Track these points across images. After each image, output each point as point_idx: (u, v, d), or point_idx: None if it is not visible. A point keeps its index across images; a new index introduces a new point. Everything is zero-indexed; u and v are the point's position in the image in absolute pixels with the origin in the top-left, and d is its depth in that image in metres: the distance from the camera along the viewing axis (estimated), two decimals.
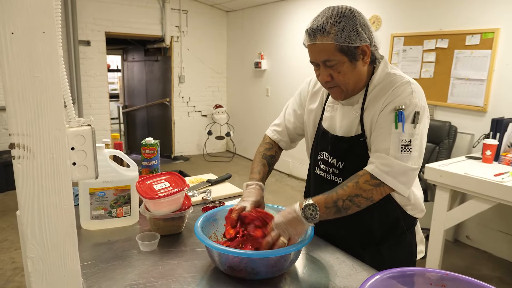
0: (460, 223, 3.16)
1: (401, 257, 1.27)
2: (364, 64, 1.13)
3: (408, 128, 1.07)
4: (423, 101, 1.11)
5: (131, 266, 1.10)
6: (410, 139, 1.07)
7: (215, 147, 6.53)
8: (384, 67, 1.18)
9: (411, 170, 1.08)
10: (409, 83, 1.11)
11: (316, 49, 1.10)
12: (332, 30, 1.06)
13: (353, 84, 1.15)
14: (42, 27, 0.62)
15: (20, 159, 0.63)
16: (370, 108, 1.16)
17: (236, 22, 6.05)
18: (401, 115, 1.07)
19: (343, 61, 1.09)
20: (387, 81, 1.15)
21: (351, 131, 1.20)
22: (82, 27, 4.99)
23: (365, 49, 1.10)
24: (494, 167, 2.53)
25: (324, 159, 1.28)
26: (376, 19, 3.85)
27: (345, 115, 1.22)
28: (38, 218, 0.66)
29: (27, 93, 0.62)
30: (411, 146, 1.07)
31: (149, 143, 1.61)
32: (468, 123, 3.21)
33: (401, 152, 1.06)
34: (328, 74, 1.12)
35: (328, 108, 1.28)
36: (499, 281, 2.77)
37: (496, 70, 3.00)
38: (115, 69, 9.11)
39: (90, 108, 5.24)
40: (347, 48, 1.07)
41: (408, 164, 1.07)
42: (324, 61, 1.10)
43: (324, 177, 1.28)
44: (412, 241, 1.32)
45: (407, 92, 1.09)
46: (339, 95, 1.18)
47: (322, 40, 1.07)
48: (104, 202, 1.31)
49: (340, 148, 1.22)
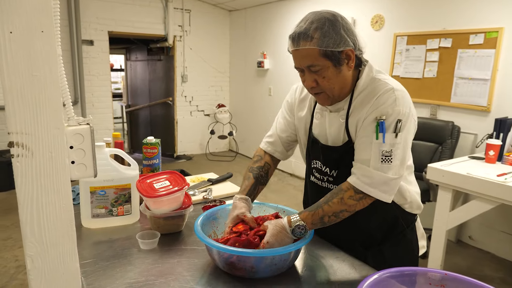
0: (463, 224, 3.15)
1: (403, 255, 1.27)
2: (349, 69, 1.12)
3: (389, 139, 1.07)
4: (408, 107, 1.10)
5: (131, 265, 1.10)
6: (391, 149, 1.08)
7: (218, 147, 6.54)
8: (369, 72, 1.16)
9: (392, 180, 1.09)
10: (393, 90, 1.10)
11: (299, 55, 1.09)
12: (315, 35, 1.05)
13: (338, 89, 1.14)
14: (41, 26, 0.63)
15: (19, 157, 0.64)
16: (355, 114, 1.15)
17: (239, 22, 6.06)
18: (382, 125, 1.07)
19: (327, 66, 1.08)
20: (372, 87, 1.14)
21: (339, 140, 1.20)
22: (85, 27, 5.01)
23: (349, 53, 1.09)
24: (497, 167, 2.52)
25: (317, 168, 1.29)
26: (379, 19, 3.83)
27: (332, 122, 1.21)
28: (37, 216, 0.67)
29: (25, 92, 0.63)
30: (392, 156, 1.08)
31: (150, 142, 1.61)
32: (471, 123, 3.20)
33: (382, 163, 1.07)
34: (313, 80, 1.12)
35: (317, 115, 1.27)
36: (501, 281, 2.76)
37: (500, 70, 2.98)
38: (118, 69, 9.14)
39: (93, 107, 5.26)
40: (331, 52, 1.06)
41: (388, 174, 1.08)
42: (308, 67, 1.10)
43: (320, 185, 1.29)
44: (413, 238, 1.32)
45: (390, 100, 1.08)
46: (325, 101, 1.17)
47: (306, 45, 1.06)
48: (104, 201, 1.32)
49: (332, 157, 1.23)
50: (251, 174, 1.33)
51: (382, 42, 3.82)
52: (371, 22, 3.89)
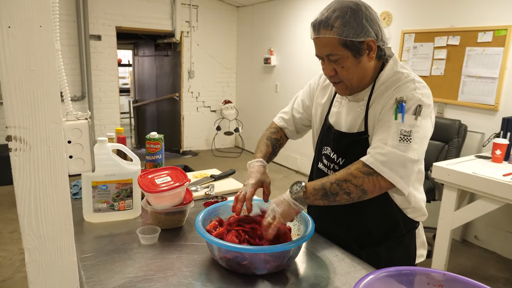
0: (468, 223, 3.12)
1: (398, 259, 1.22)
2: (369, 60, 1.10)
3: (408, 119, 1.03)
4: (428, 99, 1.08)
5: (131, 259, 1.11)
6: (410, 130, 1.02)
7: (224, 143, 6.55)
8: (394, 66, 1.15)
9: (410, 162, 1.01)
10: (414, 81, 1.09)
11: (320, 43, 1.09)
12: (336, 24, 1.04)
13: (357, 80, 1.13)
14: (39, 21, 0.63)
15: (17, 151, 0.64)
16: (375, 105, 1.13)
17: (246, 18, 6.04)
18: (402, 107, 1.04)
19: (347, 55, 1.07)
20: (394, 79, 1.13)
21: (354, 128, 1.19)
22: (93, 22, 5.03)
23: (370, 44, 1.07)
24: (503, 167, 2.49)
25: (327, 154, 1.27)
26: (387, 15, 3.79)
27: (350, 111, 1.20)
28: (34, 210, 0.67)
29: (23, 86, 0.63)
30: (411, 137, 1.01)
31: (153, 138, 1.62)
32: (479, 122, 3.16)
33: (400, 141, 1.01)
34: (332, 69, 1.11)
35: (336, 103, 1.26)
36: (506, 282, 2.73)
37: (508, 68, 2.93)
38: (126, 64, 9.18)
39: (100, 102, 5.30)
40: (351, 42, 1.05)
41: (406, 154, 1.00)
42: (327, 55, 1.09)
43: (325, 172, 1.28)
44: (411, 245, 1.29)
45: (410, 88, 1.07)
46: (344, 91, 1.17)
47: (326, 34, 1.06)
48: (106, 195, 1.32)
49: (342, 143, 1.21)
50: (269, 143, 1.34)
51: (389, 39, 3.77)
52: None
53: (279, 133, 1.42)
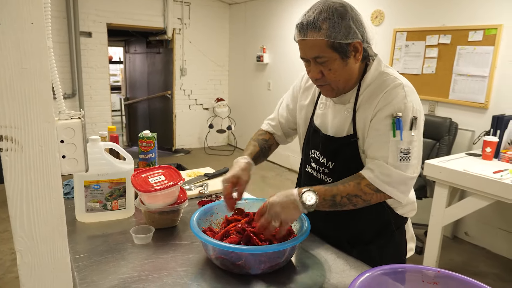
0: (459, 220, 3.15)
1: (389, 257, 1.24)
2: (356, 61, 1.10)
3: (406, 136, 1.06)
4: (418, 104, 1.09)
5: (125, 259, 1.10)
6: (409, 147, 1.06)
7: (216, 141, 6.53)
8: (378, 66, 1.15)
9: (410, 179, 1.07)
10: (402, 86, 1.09)
11: (306, 45, 1.08)
12: (324, 25, 1.03)
13: (344, 82, 1.12)
14: (30, 17, 0.61)
15: (8, 151, 0.63)
16: (363, 109, 1.13)
17: (238, 15, 6.02)
18: (399, 122, 1.05)
19: (334, 58, 1.06)
20: (380, 81, 1.12)
21: (343, 131, 1.18)
22: (83, 18, 4.97)
23: (357, 46, 1.07)
24: (493, 164, 2.52)
25: (315, 158, 1.27)
26: (379, 14, 3.81)
27: (337, 113, 1.19)
28: (26, 211, 0.66)
29: (14, 84, 0.62)
30: (410, 154, 1.06)
31: (146, 136, 1.61)
32: (469, 120, 3.19)
33: (400, 161, 1.05)
34: (318, 71, 1.10)
35: (321, 105, 1.25)
36: (496, 277, 2.77)
37: (498, 67, 2.97)
38: (117, 61, 9.08)
39: (91, 99, 5.24)
40: (339, 44, 1.04)
41: (407, 173, 1.06)
42: (314, 58, 1.08)
43: (315, 175, 1.28)
44: (402, 240, 1.30)
45: (401, 96, 1.07)
46: (329, 93, 1.16)
47: (313, 36, 1.04)
48: (99, 195, 1.31)
49: (331, 148, 1.21)
50: (256, 143, 1.33)
51: (381, 37, 3.79)
52: (371, 17, 3.86)
53: (267, 134, 1.41)
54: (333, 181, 1.12)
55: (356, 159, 1.15)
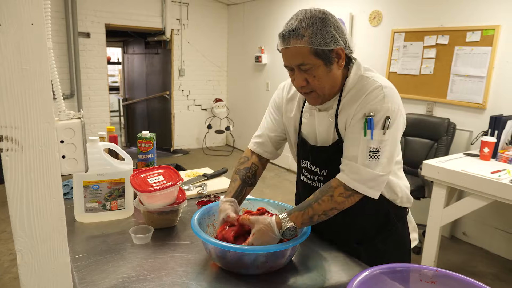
0: (457, 220, 3.16)
1: (395, 248, 1.28)
2: (339, 68, 1.11)
3: (377, 135, 1.07)
4: (397, 103, 1.09)
5: (124, 259, 1.10)
6: (379, 146, 1.07)
7: (215, 141, 6.53)
8: (357, 70, 1.16)
9: (379, 177, 1.08)
10: (381, 87, 1.09)
11: (290, 53, 1.08)
12: (306, 33, 1.04)
13: (329, 88, 1.13)
14: (30, 18, 0.62)
15: (8, 151, 0.63)
16: (344, 113, 1.14)
17: (237, 16, 6.02)
18: (370, 121, 1.06)
19: (318, 64, 1.07)
20: (360, 85, 1.13)
21: (329, 139, 1.19)
22: (82, 19, 4.96)
23: (339, 52, 1.08)
24: (491, 165, 2.53)
25: (307, 168, 1.28)
26: (377, 14, 3.82)
27: (321, 121, 1.20)
28: (27, 211, 0.66)
29: (15, 85, 0.62)
30: (380, 153, 1.07)
31: (145, 137, 1.61)
32: (467, 120, 3.20)
33: (369, 159, 1.07)
34: (303, 79, 1.10)
35: (306, 114, 1.26)
36: (494, 277, 2.78)
37: (496, 67, 2.98)
38: (115, 62, 9.08)
39: (90, 100, 5.23)
40: (322, 51, 1.05)
41: (376, 171, 1.07)
42: (299, 65, 1.08)
43: (310, 184, 1.29)
44: (405, 231, 1.33)
45: (379, 97, 1.08)
46: (315, 100, 1.16)
47: (296, 44, 1.05)
48: (98, 195, 1.31)
49: (321, 157, 1.22)
50: (237, 176, 1.30)
51: (379, 38, 3.81)
52: (369, 18, 3.87)
53: (250, 160, 1.36)
54: None
55: None
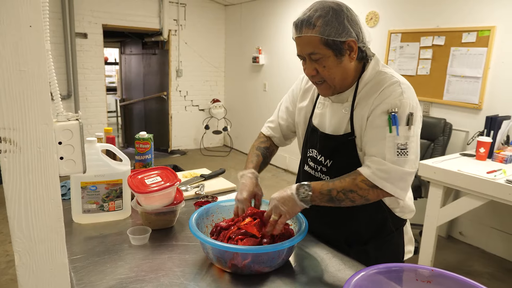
0: (453, 219, 3.18)
1: (387, 257, 1.24)
2: (350, 60, 1.11)
3: (402, 131, 1.06)
4: (415, 101, 1.10)
5: (122, 260, 1.10)
6: (406, 142, 1.06)
7: (212, 142, 6.53)
8: (375, 65, 1.17)
9: (409, 174, 1.07)
10: (399, 83, 1.10)
11: (302, 42, 1.10)
12: (318, 23, 1.05)
13: (339, 79, 1.14)
14: (29, 20, 0.62)
15: (7, 153, 0.63)
16: (360, 107, 1.14)
17: (234, 16, 6.03)
18: (395, 118, 1.06)
19: (328, 55, 1.08)
20: (377, 79, 1.14)
21: (340, 130, 1.19)
22: (79, 19, 4.95)
23: (351, 45, 1.08)
24: (487, 165, 2.54)
25: (313, 157, 1.28)
26: (373, 15, 3.83)
27: (335, 112, 1.21)
28: (25, 212, 0.66)
29: (13, 87, 0.62)
30: (408, 149, 1.06)
31: (143, 137, 1.61)
32: (463, 120, 3.22)
33: (398, 156, 1.05)
34: (313, 68, 1.12)
35: (319, 105, 1.27)
36: (490, 277, 2.80)
37: (491, 68, 3.00)
38: (112, 62, 9.06)
39: (87, 101, 5.22)
40: (332, 42, 1.06)
41: (405, 168, 1.06)
42: (309, 54, 1.10)
43: (312, 174, 1.29)
44: (400, 242, 1.31)
45: (397, 92, 1.08)
46: (326, 91, 1.17)
47: (308, 33, 1.07)
48: (96, 196, 1.31)
49: (329, 146, 1.22)
50: (259, 152, 1.35)
51: (376, 39, 3.82)
52: (366, 18, 3.88)
53: (268, 141, 1.43)
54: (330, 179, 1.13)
55: (353, 157, 1.16)
